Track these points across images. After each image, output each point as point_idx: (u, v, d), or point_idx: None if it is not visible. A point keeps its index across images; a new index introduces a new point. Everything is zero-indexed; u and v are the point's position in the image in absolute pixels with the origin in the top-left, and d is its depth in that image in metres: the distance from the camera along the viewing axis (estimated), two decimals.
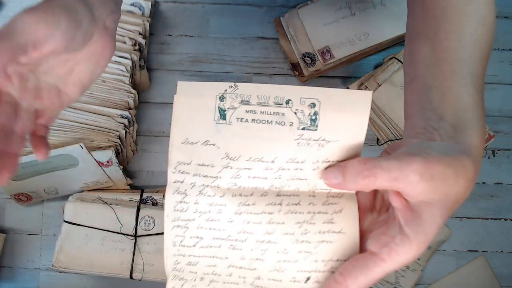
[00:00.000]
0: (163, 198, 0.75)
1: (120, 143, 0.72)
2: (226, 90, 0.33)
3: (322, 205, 0.33)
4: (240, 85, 0.33)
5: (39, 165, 0.70)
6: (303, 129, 0.32)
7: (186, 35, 0.82)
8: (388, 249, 0.30)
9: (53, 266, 0.70)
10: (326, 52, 0.74)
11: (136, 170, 0.79)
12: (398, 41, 0.80)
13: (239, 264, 0.34)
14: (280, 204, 0.33)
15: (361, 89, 0.76)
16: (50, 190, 0.75)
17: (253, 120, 0.33)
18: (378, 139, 0.81)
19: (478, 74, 0.36)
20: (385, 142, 0.79)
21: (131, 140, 0.76)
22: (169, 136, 0.36)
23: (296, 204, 0.33)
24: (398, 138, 0.75)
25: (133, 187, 0.78)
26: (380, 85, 0.74)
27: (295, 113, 0.32)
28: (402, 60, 0.75)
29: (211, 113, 0.33)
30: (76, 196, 0.74)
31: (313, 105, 0.32)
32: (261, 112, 0.32)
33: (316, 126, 0.32)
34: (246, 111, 0.33)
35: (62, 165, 0.71)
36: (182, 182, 0.34)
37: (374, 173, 0.29)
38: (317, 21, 0.75)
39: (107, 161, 0.71)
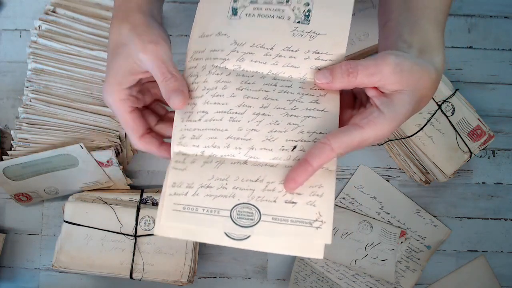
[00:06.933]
0: None
1: (120, 143, 0.72)
2: None
3: (310, 89, 0.39)
4: None
5: (39, 165, 0.70)
6: (298, 22, 0.40)
7: (186, 35, 0.82)
8: (367, 120, 0.37)
9: (53, 266, 0.70)
10: None
11: (136, 170, 0.79)
12: None
13: (236, 135, 0.38)
14: (275, 85, 0.39)
15: None
16: (50, 190, 0.75)
17: (259, 15, 0.40)
18: None
19: (441, 19, 0.43)
20: (385, 142, 0.79)
21: None
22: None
23: (288, 87, 0.39)
24: (398, 138, 0.75)
25: (133, 187, 0.78)
26: None
27: (293, 10, 0.40)
28: None
29: (225, 12, 0.41)
30: (76, 196, 0.74)
31: (307, 4, 0.40)
32: (265, 9, 0.40)
33: (309, 21, 0.40)
34: (254, 8, 0.40)
35: (62, 165, 0.71)
36: (195, 67, 0.41)
37: (357, 70, 0.36)
38: None
39: (107, 161, 0.71)
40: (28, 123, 0.72)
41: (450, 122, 0.74)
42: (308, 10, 0.40)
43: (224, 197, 0.37)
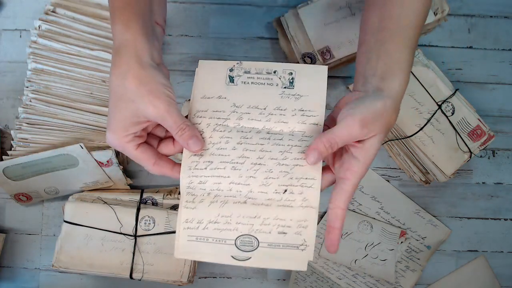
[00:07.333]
0: (163, 198, 0.75)
1: None
2: (234, 65, 0.49)
3: (298, 141, 0.47)
4: (244, 62, 0.49)
5: (39, 165, 0.70)
6: (285, 87, 0.48)
7: (186, 35, 0.82)
8: (349, 171, 0.45)
9: (53, 266, 0.70)
10: (326, 52, 0.74)
11: (136, 170, 0.79)
12: None
13: (238, 181, 0.46)
14: (269, 138, 0.47)
15: None
16: (50, 190, 0.75)
17: (252, 83, 0.49)
18: None
19: (412, 37, 0.48)
20: (385, 142, 0.79)
21: None
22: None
23: (280, 139, 0.47)
24: (398, 138, 0.75)
25: (133, 187, 0.78)
26: None
27: (280, 78, 0.49)
28: None
29: (223, 79, 0.49)
30: (76, 196, 0.74)
31: (291, 73, 0.49)
32: (257, 77, 0.49)
33: (293, 86, 0.48)
34: (248, 77, 0.49)
35: (62, 165, 0.71)
36: (199, 124, 0.48)
37: (336, 142, 0.44)
38: (317, 21, 0.75)
39: (107, 161, 0.71)
40: (28, 123, 0.72)
41: (450, 122, 0.74)
42: (292, 78, 0.49)
43: (229, 230, 0.45)
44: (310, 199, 0.46)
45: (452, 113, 0.75)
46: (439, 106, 0.74)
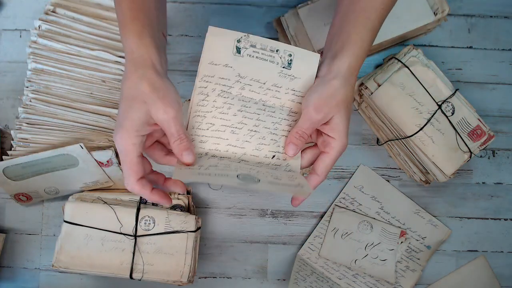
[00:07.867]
0: None
1: None
2: (242, 37, 0.52)
3: (287, 115, 0.53)
4: (251, 36, 0.52)
5: (39, 165, 0.70)
6: (283, 67, 0.53)
7: (186, 35, 0.82)
8: (328, 147, 0.50)
9: (53, 266, 0.70)
10: None
11: None
12: (398, 41, 0.80)
13: (234, 144, 0.52)
14: (264, 110, 0.53)
15: (361, 89, 0.76)
16: (50, 190, 0.75)
17: (257, 57, 0.52)
18: (378, 139, 0.81)
19: (374, 19, 0.52)
20: (385, 142, 0.79)
21: None
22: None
23: (272, 112, 0.53)
24: (398, 138, 0.75)
25: None
26: (380, 85, 0.74)
27: (280, 57, 0.53)
28: (402, 60, 0.75)
29: (230, 48, 0.52)
30: (76, 196, 0.74)
31: (290, 55, 0.53)
32: (262, 53, 0.53)
33: (291, 67, 0.53)
34: (253, 51, 0.52)
35: (62, 165, 0.71)
36: (205, 87, 0.52)
37: (304, 133, 0.50)
38: (317, 21, 0.75)
39: (107, 161, 0.71)
40: (28, 123, 0.72)
41: (450, 122, 0.74)
42: (291, 60, 0.53)
43: (229, 171, 0.48)
44: (292, 166, 0.52)
45: (452, 113, 0.75)
46: (439, 106, 0.74)
